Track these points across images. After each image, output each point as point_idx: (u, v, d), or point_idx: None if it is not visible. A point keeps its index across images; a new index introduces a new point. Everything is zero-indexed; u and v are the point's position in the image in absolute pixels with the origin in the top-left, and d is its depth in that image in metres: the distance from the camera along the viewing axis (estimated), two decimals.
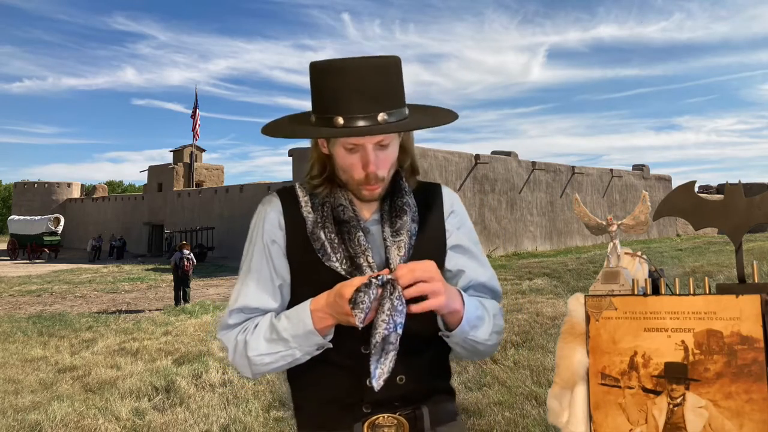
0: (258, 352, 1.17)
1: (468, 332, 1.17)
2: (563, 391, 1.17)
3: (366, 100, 1.07)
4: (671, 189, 1.79)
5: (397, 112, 1.11)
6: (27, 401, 5.68)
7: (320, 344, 1.16)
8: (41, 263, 32.31)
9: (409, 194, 1.26)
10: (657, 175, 36.02)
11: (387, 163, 1.18)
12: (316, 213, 1.22)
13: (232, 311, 1.24)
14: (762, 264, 11.07)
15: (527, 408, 4.60)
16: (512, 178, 26.75)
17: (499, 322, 1.26)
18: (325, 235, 1.19)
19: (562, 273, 14.70)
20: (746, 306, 1.02)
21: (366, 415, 1.17)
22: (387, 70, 1.11)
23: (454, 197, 1.34)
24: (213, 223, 32.30)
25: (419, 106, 1.23)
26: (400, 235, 1.19)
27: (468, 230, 1.33)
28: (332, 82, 1.08)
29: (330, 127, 1.09)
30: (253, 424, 4.62)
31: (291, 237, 1.23)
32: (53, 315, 12.49)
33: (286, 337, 1.15)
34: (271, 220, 1.25)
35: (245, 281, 1.25)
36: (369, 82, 1.07)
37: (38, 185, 50.54)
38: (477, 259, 1.31)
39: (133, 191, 71.16)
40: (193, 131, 41.33)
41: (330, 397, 1.21)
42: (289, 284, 1.25)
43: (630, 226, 1.28)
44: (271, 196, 1.29)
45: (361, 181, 1.17)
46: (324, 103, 1.10)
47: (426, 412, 1.20)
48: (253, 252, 1.25)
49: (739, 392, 0.99)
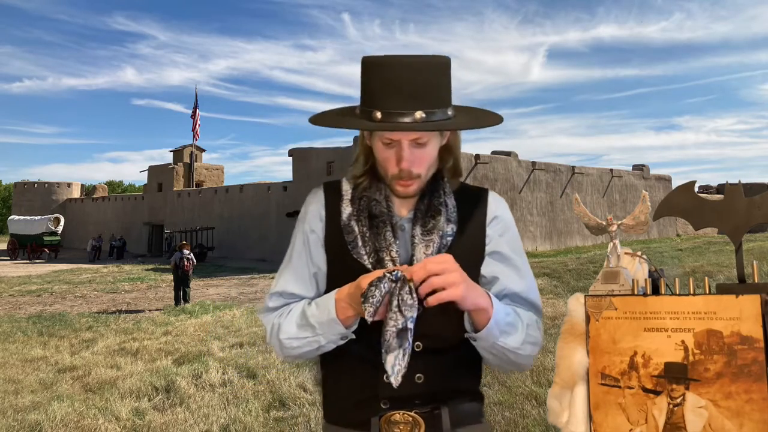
0: (288, 335, 1.22)
1: (497, 337, 1.15)
2: (563, 391, 1.17)
3: (405, 97, 1.09)
4: (671, 189, 1.79)
5: (439, 112, 1.12)
6: (27, 401, 5.68)
7: (343, 334, 1.18)
8: (41, 263, 32.31)
9: (448, 195, 1.25)
10: (657, 175, 36.02)
11: (423, 161, 1.19)
12: (353, 206, 1.25)
13: (272, 295, 1.30)
14: (762, 264, 11.07)
15: (527, 408, 4.60)
16: (512, 178, 26.75)
17: (534, 333, 1.22)
18: (358, 228, 1.21)
19: (562, 273, 14.70)
20: (746, 306, 1.02)
21: (383, 411, 1.18)
22: (432, 69, 1.12)
23: (501, 203, 1.32)
24: (213, 223, 32.30)
25: (467, 108, 1.24)
26: (431, 234, 1.19)
27: (511, 238, 1.29)
28: (376, 78, 1.11)
29: (369, 120, 1.12)
30: (253, 424, 4.62)
31: (329, 228, 1.26)
32: (53, 315, 12.49)
33: (313, 323, 1.19)
34: (312, 212, 1.30)
35: (286, 268, 1.31)
36: (411, 79, 1.09)
37: (38, 185, 50.54)
38: (516, 268, 1.27)
39: (133, 191, 71.15)
40: (193, 131, 41.35)
41: (350, 389, 1.22)
42: (324, 273, 1.28)
43: (630, 226, 1.28)
44: (317, 189, 1.34)
45: (394, 175, 1.19)
46: (367, 96, 1.14)
47: (445, 412, 1.19)
48: (295, 241, 1.32)
49: (739, 392, 0.99)
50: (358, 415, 1.20)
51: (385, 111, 1.10)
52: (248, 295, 15.69)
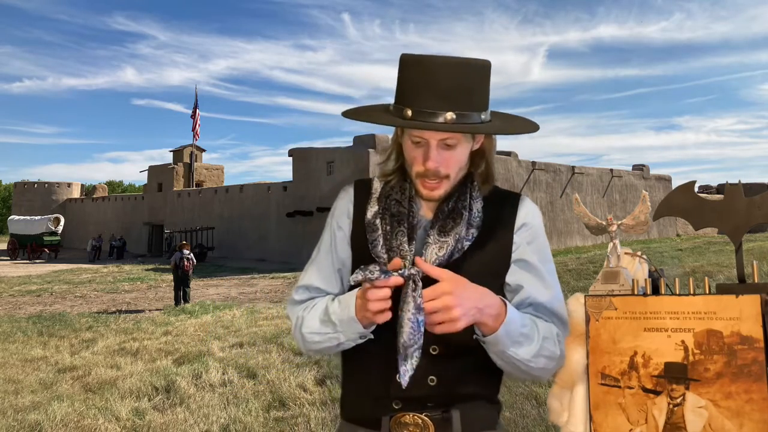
0: (310, 330, 1.24)
1: (508, 346, 1.13)
2: (563, 391, 1.17)
3: (438, 97, 1.09)
4: (671, 189, 1.79)
5: (472, 115, 1.11)
6: (27, 401, 5.68)
7: (362, 333, 1.18)
8: (41, 263, 32.31)
9: (475, 199, 1.23)
10: (657, 175, 36.01)
11: (451, 162, 1.18)
12: (379, 204, 1.25)
13: (298, 288, 1.33)
14: (762, 264, 11.07)
15: (527, 408, 4.60)
16: (512, 178, 26.75)
17: (551, 348, 1.17)
18: (381, 227, 1.21)
19: (562, 273, 14.69)
20: (746, 306, 1.02)
21: (395, 411, 1.18)
22: (469, 71, 1.11)
23: (532, 210, 1.29)
24: (213, 223, 32.29)
25: (504, 115, 1.24)
26: (446, 236, 1.18)
27: (539, 247, 1.26)
28: (411, 75, 1.11)
29: (400, 116, 1.12)
30: (253, 424, 4.62)
31: (356, 226, 1.27)
32: (53, 315, 12.49)
33: (334, 320, 1.20)
34: (341, 208, 1.32)
35: (313, 262, 1.34)
36: (446, 79, 1.09)
37: (38, 185, 50.55)
38: (542, 278, 1.23)
39: (133, 191, 71.17)
40: (193, 131, 41.36)
41: (365, 388, 1.23)
42: (349, 270, 1.29)
43: (630, 226, 1.28)
44: (348, 186, 1.35)
45: (419, 173, 1.19)
46: (400, 94, 1.13)
47: (457, 416, 1.18)
48: (323, 237, 1.34)
49: (739, 392, 0.99)
50: (371, 414, 1.20)
51: (416, 109, 1.10)
52: (248, 295, 15.69)
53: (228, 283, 18.94)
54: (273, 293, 15.82)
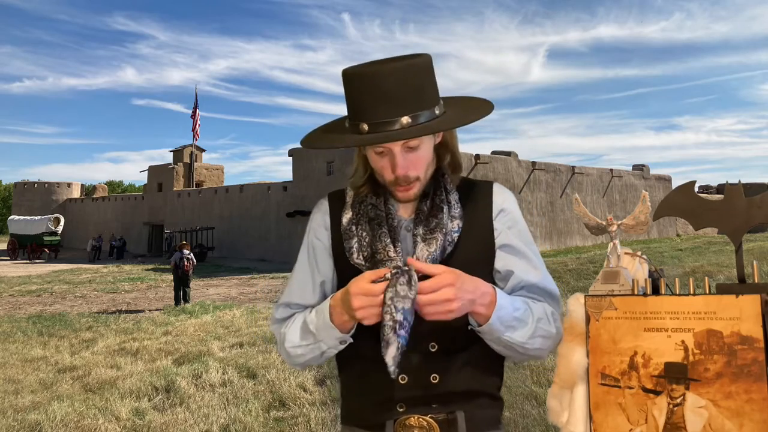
0: (292, 344, 1.24)
1: (502, 332, 1.14)
2: (563, 391, 1.17)
3: (389, 105, 1.08)
4: (671, 189, 1.79)
5: (426, 113, 1.11)
6: (27, 401, 5.68)
7: (341, 338, 1.18)
8: (41, 263, 32.31)
9: (450, 192, 1.24)
10: (657, 175, 36.02)
11: (419, 164, 1.18)
12: (353, 211, 1.25)
13: (279, 306, 1.33)
14: (762, 264, 11.07)
15: (527, 408, 4.60)
16: (512, 178, 26.75)
17: (546, 327, 1.20)
18: (357, 233, 1.21)
19: (562, 273, 14.69)
20: (746, 306, 1.02)
21: (399, 414, 1.17)
22: (413, 71, 1.10)
23: (507, 195, 1.31)
24: (213, 223, 32.29)
25: (455, 100, 1.23)
26: (434, 233, 1.18)
27: (519, 230, 1.28)
28: (357, 89, 1.10)
29: (357, 133, 1.11)
30: (253, 424, 4.62)
31: (335, 236, 1.27)
32: (53, 315, 12.50)
33: (312, 330, 1.20)
34: (317, 221, 1.32)
35: (292, 279, 1.34)
36: (392, 85, 1.08)
37: (38, 185, 50.55)
38: (528, 259, 1.26)
39: (133, 191, 71.15)
40: (193, 131, 41.37)
41: (366, 392, 1.22)
42: (331, 281, 1.30)
43: (630, 226, 1.28)
44: (323, 199, 1.35)
45: (391, 182, 1.19)
46: (353, 110, 1.13)
47: (461, 417, 1.18)
48: (301, 253, 1.34)
49: (739, 392, 0.99)
50: (374, 418, 1.20)
51: (370, 122, 1.09)
52: (248, 295, 15.69)
53: (228, 283, 18.94)
54: (273, 293, 15.82)
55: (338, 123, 1.22)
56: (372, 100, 1.08)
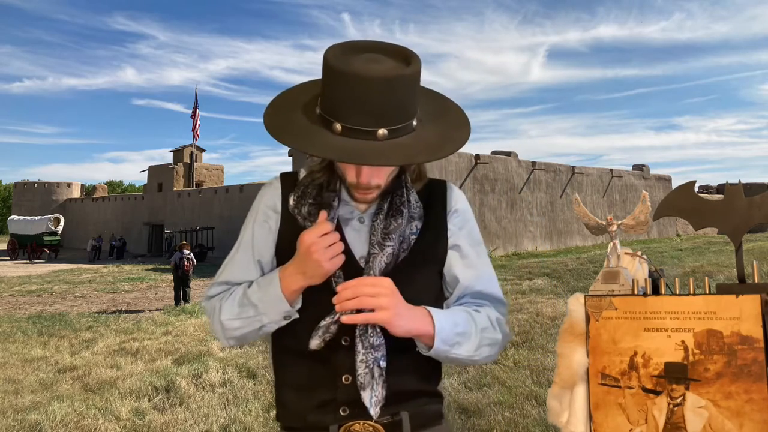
0: (228, 316, 1.19)
1: (449, 350, 1.14)
2: (563, 391, 1.17)
3: (368, 115, 1.02)
4: (671, 189, 1.79)
5: (402, 127, 1.06)
6: (27, 401, 5.67)
7: (287, 312, 1.15)
8: (41, 263, 32.30)
9: (411, 190, 1.22)
10: (657, 175, 36.00)
11: (383, 173, 1.15)
12: (297, 190, 1.21)
13: (215, 284, 1.28)
14: (762, 264, 11.06)
15: (527, 408, 4.60)
16: (512, 178, 26.74)
17: (491, 335, 1.20)
18: (305, 208, 1.18)
19: (562, 273, 14.69)
20: (746, 306, 1.02)
21: (342, 419, 1.15)
22: (401, 84, 1.04)
23: (459, 195, 1.30)
24: (213, 223, 32.28)
25: (435, 108, 1.17)
26: (390, 239, 1.15)
27: (469, 231, 1.27)
28: (338, 85, 1.03)
29: (329, 130, 1.06)
30: (253, 424, 4.62)
31: (284, 218, 1.23)
32: (53, 315, 12.49)
33: (254, 301, 1.16)
34: (266, 202, 1.27)
35: (232, 258, 1.28)
36: (376, 95, 1.02)
37: (38, 185, 50.54)
38: (473, 263, 1.25)
39: (133, 191, 71.14)
40: (193, 131, 41.36)
41: (307, 393, 1.19)
42: (269, 262, 1.25)
43: (630, 226, 1.28)
44: (274, 179, 1.30)
45: (353, 185, 1.16)
46: (328, 103, 1.06)
47: (406, 417, 1.17)
48: (244, 231, 1.28)
49: (739, 392, 0.99)
50: (317, 422, 1.16)
51: (346, 126, 1.03)
52: None
53: None
54: None
55: (311, 102, 1.13)
56: (351, 103, 1.02)
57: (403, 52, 1.08)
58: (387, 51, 1.09)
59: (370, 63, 1.03)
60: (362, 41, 1.11)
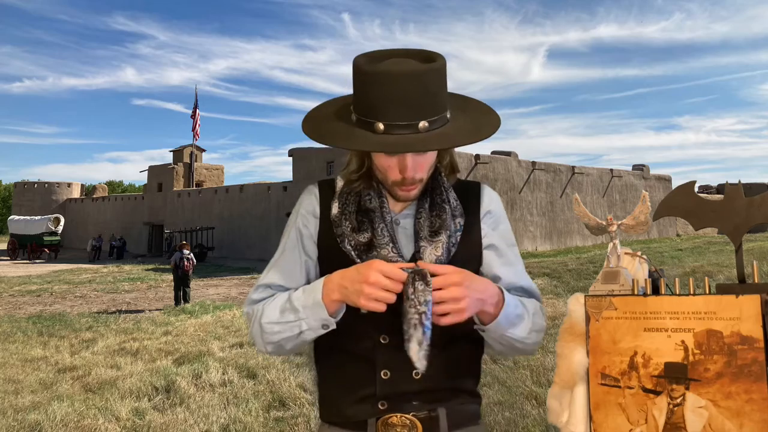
0: (269, 319, 1.20)
1: (506, 329, 1.17)
2: (563, 391, 1.17)
3: (406, 108, 1.06)
4: (671, 189, 1.79)
5: (439, 119, 1.10)
6: (27, 401, 5.68)
7: (325, 321, 1.15)
8: (41, 263, 32.30)
9: (449, 190, 1.25)
10: (657, 175, 36.01)
11: (425, 165, 1.18)
12: (343, 201, 1.23)
13: (259, 286, 1.29)
14: (762, 264, 11.07)
15: (527, 408, 4.60)
16: (512, 178, 26.75)
17: (539, 321, 1.25)
18: (349, 220, 1.20)
19: (562, 273, 14.70)
20: (746, 306, 1.02)
21: (381, 412, 1.17)
22: (431, 76, 1.08)
23: (493, 197, 1.33)
24: (213, 223, 32.29)
25: (458, 102, 1.21)
26: (439, 234, 1.18)
27: (503, 231, 1.31)
28: (372, 86, 1.07)
29: (370, 131, 1.08)
30: (253, 424, 4.62)
31: (322, 224, 1.26)
32: (53, 315, 12.49)
33: (297, 306, 1.17)
34: (306, 207, 1.31)
35: (276, 261, 1.31)
36: (411, 89, 1.06)
37: (38, 185, 50.55)
38: (512, 261, 1.29)
39: (133, 191, 71.17)
40: (193, 131, 41.38)
41: (347, 388, 1.21)
42: (314, 267, 1.28)
43: (630, 226, 1.28)
44: (312, 186, 1.35)
45: (396, 182, 1.18)
46: (365, 105, 1.10)
47: (443, 413, 1.19)
48: (288, 236, 1.32)
49: (739, 392, 0.99)
50: (355, 415, 1.19)
51: (387, 123, 1.07)
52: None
53: (228, 283, 18.94)
54: None
55: (342, 111, 1.18)
56: (389, 101, 1.06)
57: (426, 52, 1.13)
58: (410, 54, 1.13)
59: (397, 64, 1.08)
60: (385, 49, 1.16)
